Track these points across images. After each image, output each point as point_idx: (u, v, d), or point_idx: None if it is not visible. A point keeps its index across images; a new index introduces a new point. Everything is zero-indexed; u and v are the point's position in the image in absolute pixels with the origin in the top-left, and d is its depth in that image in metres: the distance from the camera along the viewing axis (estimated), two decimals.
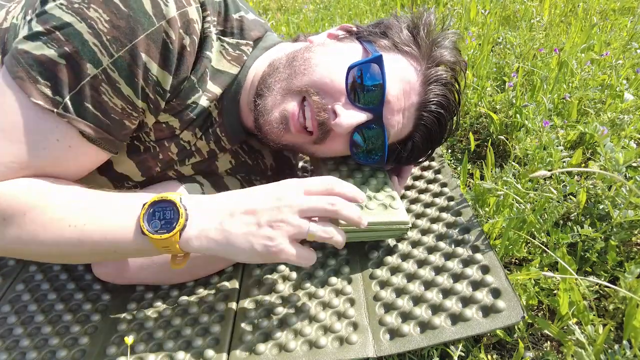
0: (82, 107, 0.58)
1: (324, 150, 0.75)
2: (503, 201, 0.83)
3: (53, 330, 0.72)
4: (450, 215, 0.81)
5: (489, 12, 1.77)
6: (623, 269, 0.72)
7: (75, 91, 0.57)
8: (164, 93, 0.63)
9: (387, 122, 0.70)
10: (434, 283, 0.69)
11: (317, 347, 0.63)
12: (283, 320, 0.69)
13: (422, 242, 0.78)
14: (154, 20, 0.58)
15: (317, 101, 0.67)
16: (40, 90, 0.56)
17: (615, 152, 0.79)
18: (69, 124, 0.58)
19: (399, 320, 0.66)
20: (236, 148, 0.85)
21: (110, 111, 0.60)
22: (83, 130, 0.59)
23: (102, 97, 0.59)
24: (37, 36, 0.56)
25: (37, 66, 0.56)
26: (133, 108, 0.62)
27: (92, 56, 0.56)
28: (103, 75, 0.57)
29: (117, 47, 0.57)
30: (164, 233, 0.58)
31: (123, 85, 0.59)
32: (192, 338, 0.68)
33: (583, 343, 0.58)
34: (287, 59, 0.71)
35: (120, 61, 0.57)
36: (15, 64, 0.57)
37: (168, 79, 0.62)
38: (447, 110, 0.74)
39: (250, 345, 0.66)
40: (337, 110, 0.67)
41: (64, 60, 0.56)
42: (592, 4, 1.81)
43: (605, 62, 1.24)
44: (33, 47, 0.56)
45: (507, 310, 0.61)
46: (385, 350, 0.62)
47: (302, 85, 0.67)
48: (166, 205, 0.59)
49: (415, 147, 0.77)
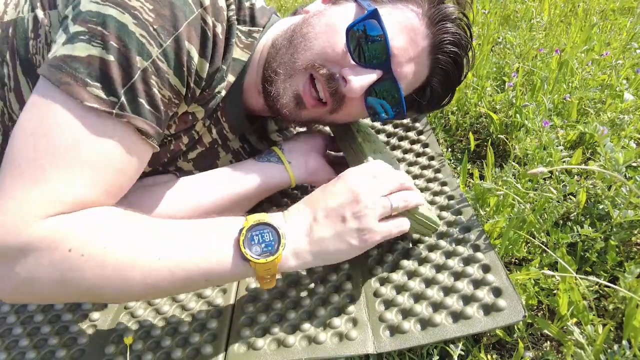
0: (137, 104, 0.55)
1: (342, 117, 0.75)
2: (503, 201, 0.83)
3: (52, 330, 0.72)
4: (451, 214, 0.81)
5: (489, 11, 1.77)
6: (623, 268, 0.72)
7: (127, 87, 0.54)
8: (200, 81, 0.63)
9: (399, 74, 0.68)
10: (434, 281, 0.69)
11: (316, 342, 0.63)
12: (282, 315, 0.69)
13: (422, 240, 0.78)
14: (194, 8, 0.57)
15: (324, 73, 0.66)
16: (93, 93, 0.52)
17: (615, 152, 0.78)
18: (128, 123, 0.55)
19: (400, 317, 0.65)
20: (238, 148, 0.85)
21: (160, 104, 0.58)
22: (141, 127, 0.56)
23: (153, 90, 0.56)
24: (77, 37, 0.52)
25: (84, 68, 0.52)
26: (177, 97, 0.60)
27: (141, 48, 0.53)
28: (153, 67, 0.55)
29: (165, 36, 0.55)
30: (268, 256, 0.57)
31: (171, 75, 0.57)
32: (189, 334, 0.68)
33: (582, 343, 0.58)
34: (287, 38, 0.70)
35: (168, 50, 0.56)
36: (57, 71, 0.52)
37: (205, 67, 0.61)
38: (461, 47, 0.71)
39: (248, 340, 0.65)
40: (346, 76, 0.65)
41: (113, 57, 0.52)
42: (591, 4, 1.81)
43: (605, 62, 1.24)
44: (76, 50, 0.52)
45: (508, 309, 0.61)
46: (385, 346, 0.62)
47: (306, 62, 0.67)
48: (263, 228, 0.58)
49: (435, 92, 0.75)
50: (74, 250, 0.50)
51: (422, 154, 0.99)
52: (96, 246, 0.51)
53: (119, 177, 0.57)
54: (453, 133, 1.16)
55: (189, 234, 0.57)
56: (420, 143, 1.03)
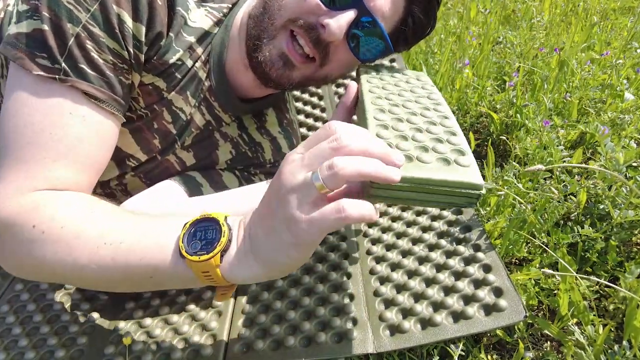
0: (79, 69, 0.59)
1: (335, 68, 0.75)
2: (504, 201, 0.83)
3: (51, 330, 0.72)
4: (452, 213, 0.80)
5: (490, 11, 1.77)
6: (623, 269, 0.72)
7: (66, 54, 0.58)
8: (140, 46, 0.64)
9: (374, 8, 0.68)
10: (435, 280, 0.69)
11: (316, 342, 0.63)
12: (281, 315, 0.68)
13: (422, 239, 0.77)
14: None
15: (302, 24, 0.67)
16: (40, 63, 0.57)
17: (615, 151, 0.78)
18: (72, 88, 0.58)
19: (400, 317, 0.65)
20: (236, 138, 0.85)
21: (104, 68, 0.61)
22: (87, 91, 0.59)
23: (91, 54, 0.59)
24: (23, 15, 0.58)
25: (31, 41, 0.57)
26: (123, 61, 0.62)
27: (70, 15, 0.57)
28: (85, 31, 0.58)
29: (91, 1, 0.58)
30: (203, 254, 0.49)
31: (106, 38, 0.60)
32: (189, 335, 0.68)
33: (583, 343, 0.58)
34: (261, 5, 0.71)
35: (96, 15, 0.59)
36: (12, 48, 0.58)
37: (142, 30, 0.63)
38: None
39: (248, 341, 0.65)
40: (323, 22, 0.66)
41: (47, 26, 0.57)
42: (592, 4, 1.81)
43: (606, 61, 1.23)
44: (23, 27, 0.58)
45: (509, 309, 0.61)
46: (385, 346, 0.61)
47: (282, 22, 0.68)
48: (208, 224, 0.51)
49: (417, 19, 0.74)
50: (37, 227, 0.54)
51: None
52: (55, 224, 0.54)
53: (84, 147, 0.59)
54: None
55: (145, 225, 0.55)
56: None
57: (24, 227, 0.54)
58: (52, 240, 0.53)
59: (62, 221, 0.54)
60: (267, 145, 0.90)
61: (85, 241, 0.53)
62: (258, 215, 0.51)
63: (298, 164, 0.47)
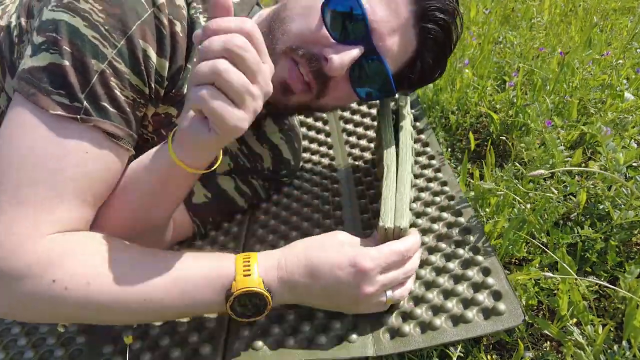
0: (101, 107, 0.55)
1: (331, 102, 0.72)
2: (503, 201, 0.83)
3: (50, 329, 0.72)
4: (451, 215, 0.80)
5: (490, 11, 1.77)
6: (623, 269, 0.72)
7: (87, 91, 0.54)
8: (162, 81, 0.62)
9: (382, 48, 0.65)
10: (434, 284, 0.69)
11: (316, 344, 0.63)
12: (281, 316, 0.68)
13: (422, 242, 0.77)
14: (146, 6, 0.56)
15: (304, 54, 0.64)
16: (57, 101, 0.53)
17: (616, 152, 0.78)
18: (94, 128, 0.55)
19: (399, 320, 0.65)
20: (236, 151, 0.84)
21: (125, 105, 0.57)
22: (110, 130, 0.56)
23: (114, 92, 0.55)
24: (39, 48, 0.53)
25: (47, 77, 0.52)
26: (141, 97, 0.60)
27: (95, 50, 0.53)
28: (110, 68, 0.55)
29: (118, 36, 0.54)
30: (252, 317, 0.60)
31: (131, 75, 0.57)
32: (187, 334, 0.68)
33: (582, 343, 0.58)
34: (266, 25, 0.68)
35: (123, 50, 0.55)
36: (26, 84, 0.53)
37: (165, 66, 0.61)
38: (448, 13, 0.67)
39: (247, 340, 0.65)
40: (326, 54, 0.63)
41: (67, 62, 0.53)
42: (592, 4, 1.81)
43: (606, 61, 1.23)
44: (38, 60, 0.53)
45: (507, 312, 0.61)
46: (385, 349, 0.62)
47: (285, 48, 0.65)
48: (252, 294, 0.57)
49: (426, 64, 0.71)
50: (58, 282, 0.51)
51: (422, 152, 0.99)
52: (80, 282, 0.52)
53: (98, 185, 0.57)
54: (453, 133, 1.16)
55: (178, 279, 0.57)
56: (420, 142, 1.02)
57: (43, 280, 0.51)
58: (78, 297, 0.52)
59: (86, 277, 0.52)
60: (266, 155, 0.90)
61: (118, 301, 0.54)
62: (317, 299, 0.63)
63: (379, 289, 0.60)
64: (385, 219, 0.62)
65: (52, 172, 0.53)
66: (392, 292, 0.61)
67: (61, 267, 0.52)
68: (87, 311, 0.54)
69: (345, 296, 0.60)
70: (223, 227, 0.90)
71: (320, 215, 0.89)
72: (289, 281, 0.60)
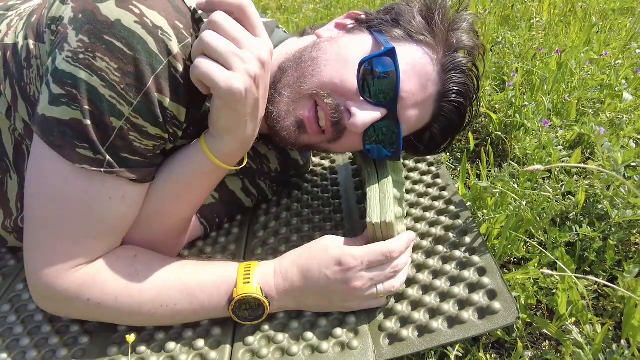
0: (122, 158, 0.58)
1: (338, 148, 0.74)
2: (501, 200, 0.83)
3: (53, 329, 0.72)
4: (449, 218, 0.81)
5: (489, 11, 1.77)
6: (622, 268, 0.72)
7: (107, 146, 0.57)
8: (180, 125, 0.62)
9: (402, 117, 0.67)
10: (432, 287, 0.70)
11: (319, 351, 0.64)
12: (285, 324, 0.69)
13: (421, 245, 0.78)
14: (161, 58, 0.56)
15: (329, 103, 0.65)
16: (82, 154, 0.56)
17: (613, 151, 0.79)
18: (117, 177, 0.59)
19: (398, 325, 0.66)
20: None
21: (145, 152, 0.60)
22: (131, 177, 0.60)
23: (134, 144, 0.58)
24: (59, 100, 0.55)
25: (70, 131, 0.55)
26: (161, 140, 0.61)
27: (113, 109, 0.55)
28: (128, 124, 0.56)
29: (134, 94, 0.55)
30: (253, 320, 0.67)
31: (149, 127, 0.58)
32: (193, 340, 0.68)
33: (581, 343, 0.59)
34: (295, 60, 0.68)
35: (140, 107, 0.56)
36: (50, 134, 0.56)
37: (183, 112, 0.61)
38: (467, 97, 0.71)
39: (252, 348, 0.66)
40: (351, 110, 0.65)
41: (89, 120, 0.55)
42: (591, 4, 1.81)
43: (605, 62, 1.24)
44: (60, 113, 0.55)
45: (502, 311, 0.62)
46: (385, 355, 0.63)
47: (312, 89, 0.66)
48: (251, 301, 0.65)
49: (433, 138, 0.75)
50: (91, 300, 0.63)
51: (421, 160, 0.99)
52: (110, 297, 0.64)
53: (123, 222, 0.65)
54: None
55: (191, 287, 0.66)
56: None
57: (79, 299, 0.63)
58: (109, 308, 0.64)
59: (114, 292, 0.64)
60: (273, 156, 0.91)
61: (140, 307, 0.65)
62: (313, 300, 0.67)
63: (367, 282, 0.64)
64: (371, 216, 0.67)
65: (83, 216, 0.60)
66: (382, 285, 0.65)
67: (94, 289, 0.63)
68: (115, 318, 0.67)
69: (336, 292, 0.65)
70: (224, 228, 0.91)
71: (320, 217, 0.90)
72: (285, 286, 0.66)
